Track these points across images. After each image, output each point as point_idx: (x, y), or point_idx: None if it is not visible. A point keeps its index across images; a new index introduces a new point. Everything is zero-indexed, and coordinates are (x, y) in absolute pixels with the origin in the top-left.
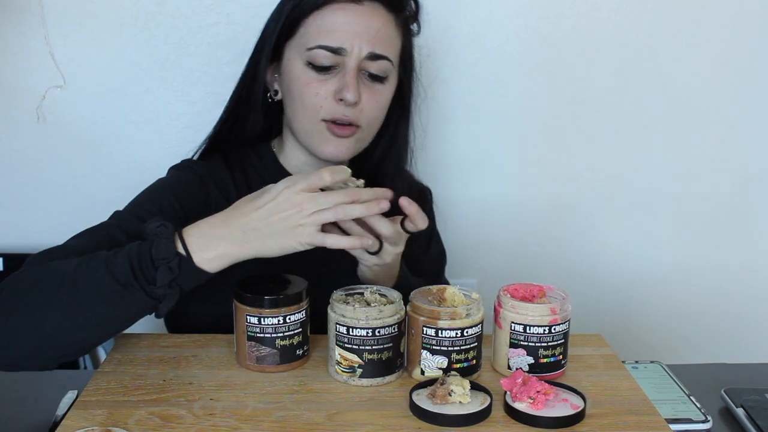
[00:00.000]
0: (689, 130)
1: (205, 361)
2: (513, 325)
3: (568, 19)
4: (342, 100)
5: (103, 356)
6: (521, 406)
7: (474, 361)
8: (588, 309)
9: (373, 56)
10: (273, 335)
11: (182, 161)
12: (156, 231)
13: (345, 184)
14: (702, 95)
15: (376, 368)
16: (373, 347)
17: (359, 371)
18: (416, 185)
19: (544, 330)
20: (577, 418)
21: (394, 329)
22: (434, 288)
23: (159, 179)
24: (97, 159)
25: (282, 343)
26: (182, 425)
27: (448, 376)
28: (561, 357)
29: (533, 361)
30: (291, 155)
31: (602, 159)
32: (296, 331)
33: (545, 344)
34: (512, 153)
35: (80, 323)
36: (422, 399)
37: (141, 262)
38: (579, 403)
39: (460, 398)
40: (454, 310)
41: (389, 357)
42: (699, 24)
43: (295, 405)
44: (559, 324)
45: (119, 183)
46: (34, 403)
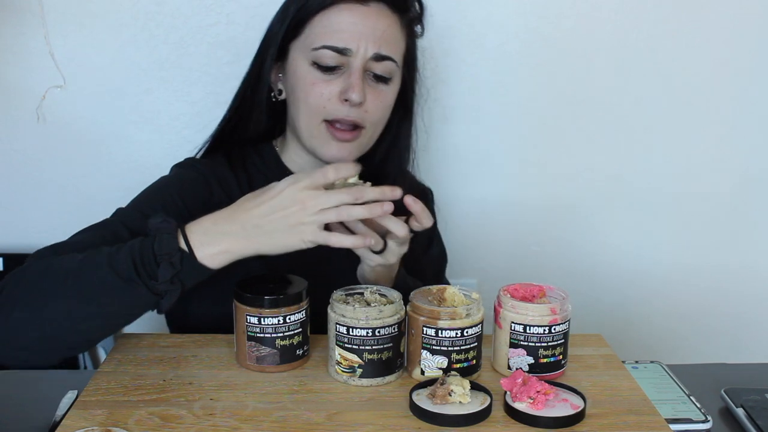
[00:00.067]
0: (689, 130)
1: (205, 361)
2: (513, 325)
3: (568, 19)
4: (347, 101)
5: (103, 356)
6: (521, 406)
7: (474, 361)
8: (588, 309)
9: (379, 57)
10: (273, 335)
11: (185, 159)
12: (158, 226)
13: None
14: (702, 95)
15: (376, 368)
16: (373, 347)
17: (359, 371)
18: (417, 186)
19: (544, 330)
20: (577, 418)
21: (394, 329)
22: (434, 288)
23: (162, 177)
24: (97, 159)
25: (282, 343)
26: (182, 425)
27: (448, 376)
28: (561, 357)
29: (533, 361)
30: (294, 155)
31: (602, 159)
32: (296, 331)
33: (545, 344)
34: (512, 153)
35: (83, 317)
36: (422, 399)
37: (143, 258)
38: (579, 403)
39: (460, 398)
40: (454, 310)
41: (389, 357)
42: (699, 24)
43: (295, 405)
44: (559, 324)
45: (119, 183)
46: (34, 403)
